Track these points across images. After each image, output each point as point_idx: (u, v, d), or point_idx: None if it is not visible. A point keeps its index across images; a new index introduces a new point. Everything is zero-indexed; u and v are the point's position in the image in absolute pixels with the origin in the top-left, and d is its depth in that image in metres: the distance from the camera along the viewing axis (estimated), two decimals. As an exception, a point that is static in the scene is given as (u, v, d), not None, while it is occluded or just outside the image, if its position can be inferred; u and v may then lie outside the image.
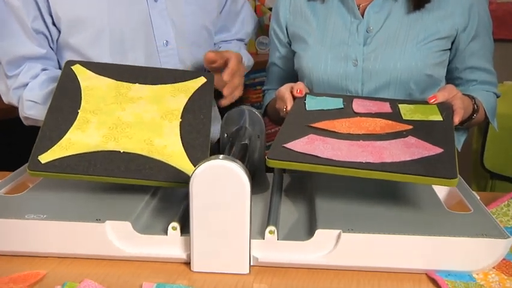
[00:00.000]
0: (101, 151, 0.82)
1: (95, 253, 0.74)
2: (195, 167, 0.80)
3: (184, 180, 0.80)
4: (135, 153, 0.83)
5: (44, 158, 0.81)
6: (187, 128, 0.87)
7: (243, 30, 1.28)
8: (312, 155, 0.76)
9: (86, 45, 1.03)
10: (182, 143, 0.85)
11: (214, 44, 1.26)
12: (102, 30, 1.03)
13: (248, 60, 1.25)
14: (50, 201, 0.81)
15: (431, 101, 0.92)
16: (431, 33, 1.07)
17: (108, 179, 0.81)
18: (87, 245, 0.74)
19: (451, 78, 1.17)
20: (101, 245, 0.74)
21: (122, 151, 0.83)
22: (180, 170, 0.81)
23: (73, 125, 0.85)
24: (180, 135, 0.86)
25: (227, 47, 1.23)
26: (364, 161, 0.74)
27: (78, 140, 0.83)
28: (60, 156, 0.81)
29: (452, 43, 1.10)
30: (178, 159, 0.83)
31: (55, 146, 0.82)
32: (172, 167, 0.82)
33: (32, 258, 0.75)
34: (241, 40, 1.29)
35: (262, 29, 2.35)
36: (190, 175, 0.78)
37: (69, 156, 0.81)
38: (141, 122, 0.87)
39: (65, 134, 0.84)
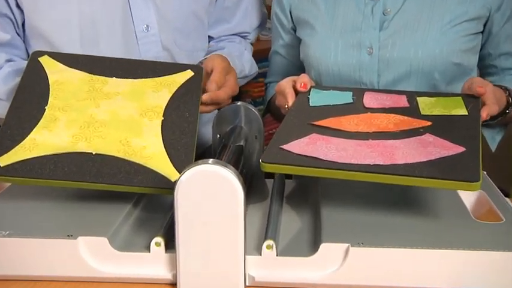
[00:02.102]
0: (70, 153, 0.83)
1: (67, 274, 0.75)
2: (177, 170, 0.81)
3: (165, 185, 0.80)
4: (109, 155, 0.83)
5: (4, 160, 0.81)
6: (170, 127, 0.88)
7: (246, 22, 1.27)
8: (313, 157, 0.76)
9: (52, 30, 1.04)
10: (164, 144, 0.86)
11: (215, 39, 1.25)
12: (70, 13, 1.03)
13: (250, 68, 1.25)
14: (13, 215, 0.81)
15: (482, 91, 0.89)
16: (459, 15, 1.07)
17: (77, 185, 0.81)
18: (58, 265, 0.74)
19: (484, 66, 1.16)
20: (73, 265, 0.74)
21: (94, 153, 0.83)
22: (160, 174, 0.82)
23: (38, 124, 0.86)
24: (162, 135, 0.87)
25: (230, 46, 1.23)
26: (372, 163, 0.74)
27: (43, 140, 0.84)
28: (23, 159, 0.81)
29: (485, 25, 1.10)
30: (159, 161, 0.83)
31: (17, 146, 0.83)
32: (152, 170, 0.82)
33: (-6, 282, 0.76)
34: (245, 36, 1.28)
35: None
36: (172, 180, 0.79)
37: (33, 158, 0.82)
38: (117, 120, 0.88)
39: (28, 134, 0.84)
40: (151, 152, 0.84)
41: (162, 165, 0.83)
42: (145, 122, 0.88)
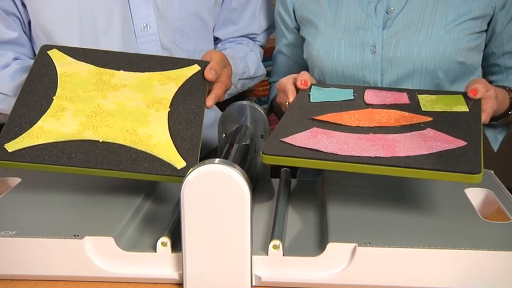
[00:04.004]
0: (77, 140, 0.83)
1: (73, 274, 0.74)
2: (183, 158, 0.81)
3: (171, 172, 0.80)
4: (116, 143, 0.83)
5: (11, 146, 0.81)
6: (176, 118, 0.88)
7: (253, 24, 1.25)
8: (314, 149, 0.75)
9: (53, 27, 1.04)
10: (170, 134, 0.86)
11: (222, 41, 1.24)
12: (71, 10, 1.03)
13: (256, 70, 1.23)
14: (20, 215, 0.80)
15: (472, 95, 0.88)
16: (463, 13, 1.06)
17: (83, 171, 0.81)
18: (64, 265, 0.74)
19: (487, 65, 1.15)
20: (79, 265, 0.73)
21: (101, 141, 0.83)
22: (166, 162, 0.82)
23: (46, 112, 0.86)
24: (168, 125, 0.87)
25: (235, 47, 1.21)
26: (373, 155, 0.73)
27: (51, 128, 0.84)
28: (30, 145, 0.82)
29: (489, 24, 1.09)
30: (165, 150, 0.83)
31: (24, 133, 0.83)
32: (158, 158, 0.82)
33: (0, 282, 0.75)
34: (253, 37, 1.27)
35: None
36: (178, 167, 0.79)
37: (40, 144, 0.82)
38: (124, 111, 0.88)
39: (36, 122, 0.85)
40: (157, 141, 0.84)
41: (168, 153, 0.83)
42: (152, 112, 0.88)
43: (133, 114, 0.88)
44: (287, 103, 0.93)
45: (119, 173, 0.81)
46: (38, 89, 0.89)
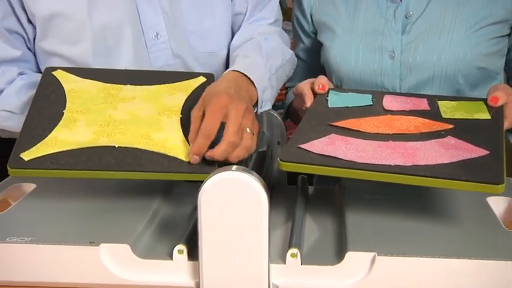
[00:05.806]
0: (93, 147, 0.83)
1: (89, 281, 0.74)
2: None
3: (191, 170, 0.79)
4: (132, 147, 0.83)
5: (27, 155, 0.82)
6: (188, 123, 0.87)
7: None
8: (332, 156, 0.75)
9: (65, 43, 1.04)
10: (185, 137, 0.85)
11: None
12: (83, 25, 1.03)
13: (283, 55, 1.08)
14: (35, 222, 0.81)
15: (493, 104, 0.87)
16: (483, 17, 1.05)
17: (102, 174, 0.80)
18: (80, 272, 0.74)
19: (509, 69, 1.14)
20: (95, 272, 0.73)
21: (116, 146, 0.83)
22: (185, 162, 0.81)
23: (59, 124, 0.86)
24: (182, 129, 0.87)
25: (247, 55, 1.14)
26: (393, 164, 0.73)
27: (65, 137, 0.84)
28: (46, 153, 0.82)
29: (512, 28, 1.08)
30: (182, 151, 0.82)
31: (39, 143, 0.83)
32: (176, 158, 0.81)
33: (16, 289, 0.76)
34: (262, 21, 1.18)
35: (285, 13, 2.31)
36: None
37: (56, 152, 0.82)
38: (136, 119, 0.88)
39: (49, 133, 0.85)
40: (173, 144, 0.84)
41: (186, 153, 0.82)
42: (164, 119, 0.88)
43: (146, 121, 0.88)
44: (304, 108, 0.93)
45: (139, 174, 0.80)
46: (47, 105, 0.90)
